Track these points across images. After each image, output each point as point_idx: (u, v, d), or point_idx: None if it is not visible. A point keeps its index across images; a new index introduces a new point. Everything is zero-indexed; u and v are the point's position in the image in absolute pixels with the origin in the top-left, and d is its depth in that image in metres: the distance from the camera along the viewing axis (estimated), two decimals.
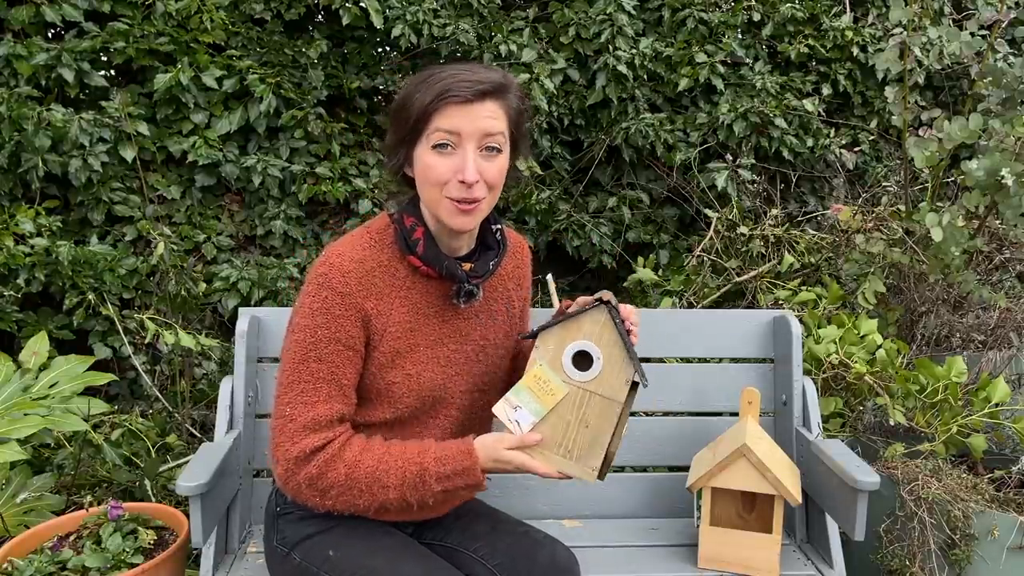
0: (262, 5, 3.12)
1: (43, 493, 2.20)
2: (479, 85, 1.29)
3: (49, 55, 2.82)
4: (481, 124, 1.30)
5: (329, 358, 1.33)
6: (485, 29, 3.30)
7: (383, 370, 1.38)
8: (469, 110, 1.29)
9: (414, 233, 1.38)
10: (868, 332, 2.36)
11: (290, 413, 1.33)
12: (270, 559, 1.53)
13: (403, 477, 1.31)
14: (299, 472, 1.32)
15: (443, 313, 1.44)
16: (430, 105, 1.28)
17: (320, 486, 1.32)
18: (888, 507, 2.04)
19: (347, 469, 1.31)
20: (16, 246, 2.72)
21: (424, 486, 1.31)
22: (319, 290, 1.34)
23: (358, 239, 1.40)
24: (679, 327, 2.03)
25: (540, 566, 1.43)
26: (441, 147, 1.30)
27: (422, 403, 1.42)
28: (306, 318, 1.34)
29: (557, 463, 1.33)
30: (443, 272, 1.39)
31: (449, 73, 1.30)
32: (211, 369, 2.82)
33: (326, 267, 1.34)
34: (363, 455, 1.33)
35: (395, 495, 1.32)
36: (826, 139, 3.39)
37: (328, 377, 1.34)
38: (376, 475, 1.31)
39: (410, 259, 1.39)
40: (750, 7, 3.47)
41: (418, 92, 1.31)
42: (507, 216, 3.35)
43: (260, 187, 3.07)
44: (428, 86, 1.30)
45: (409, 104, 1.32)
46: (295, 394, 1.34)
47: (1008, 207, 2.26)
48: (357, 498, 1.32)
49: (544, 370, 1.33)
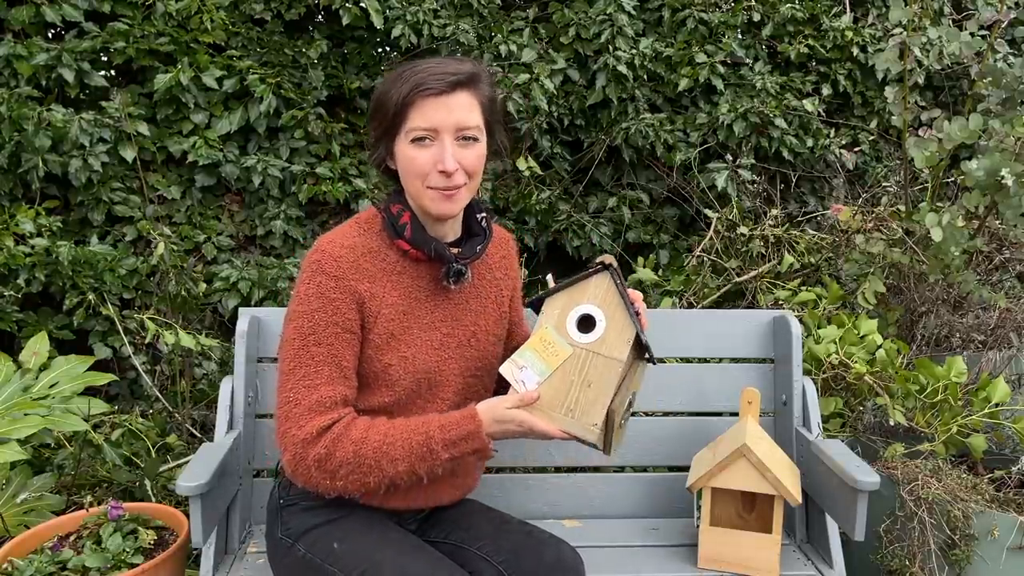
0: (262, 5, 3.12)
1: (43, 493, 2.20)
2: (450, 77, 1.34)
3: (49, 55, 2.82)
4: (456, 116, 1.35)
5: (328, 341, 1.36)
6: (485, 29, 3.30)
7: (379, 352, 1.41)
8: (443, 102, 1.34)
9: (401, 218, 1.43)
10: (868, 332, 2.36)
11: (294, 397, 1.35)
12: (274, 552, 1.52)
13: (410, 448, 1.33)
14: (308, 454, 1.32)
15: (434, 298, 1.48)
16: (405, 99, 1.34)
17: (329, 467, 1.32)
18: (888, 507, 2.04)
19: (354, 447, 1.32)
20: (16, 246, 2.72)
21: (432, 455, 1.33)
22: (313, 276, 1.38)
23: (348, 228, 1.45)
24: (679, 327, 2.03)
25: (546, 564, 1.43)
26: (419, 140, 1.36)
27: (418, 385, 1.45)
28: (303, 304, 1.37)
29: (559, 421, 1.35)
30: (431, 253, 1.42)
31: (422, 67, 1.35)
32: (211, 369, 2.82)
33: (318, 254, 1.39)
34: (369, 432, 1.34)
35: (404, 467, 1.33)
36: (826, 139, 3.39)
37: (329, 360, 1.36)
38: (384, 449, 1.32)
39: (399, 243, 1.43)
40: (750, 7, 3.47)
41: (393, 88, 1.36)
42: (507, 216, 3.35)
43: (260, 187, 3.07)
44: (402, 81, 1.35)
45: (386, 100, 1.37)
46: (297, 379, 1.36)
47: (1008, 207, 2.26)
48: (367, 475, 1.33)
49: (550, 332, 1.37)
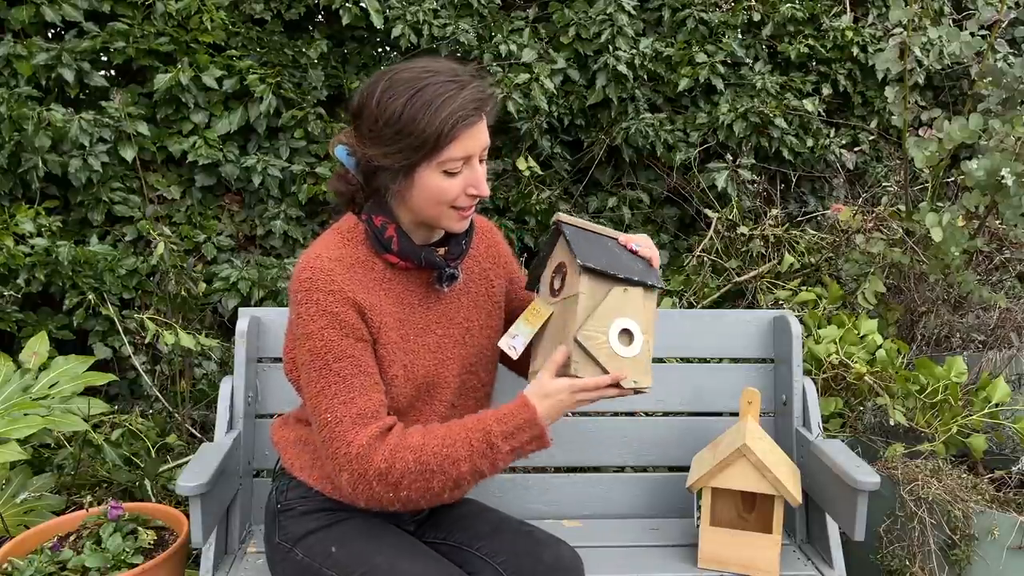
0: (262, 5, 3.12)
1: (43, 493, 2.20)
2: (478, 102, 1.30)
3: (49, 55, 2.82)
4: (483, 139, 1.34)
5: (348, 353, 1.33)
6: (485, 29, 3.30)
7: (384, 364, 1.39)
8: (477, 129, 1.32)
9: (386, 232, 1.39)
10: (868, 332, 2.36)
11: (333, 417, 1.31)
12: (272, 556, 1.52)
13: (471, 447, 1.31)
14: (368, 470, 1.29)
15: (426, 300, 1.46)
16: (449, 132, 1.27)
17: (391, 479, 1.29)
18: (888, 507, 2.04)
19: (414, 454, 1.29)
20: (16, 246, 2.72)
21: (493, 449, 1.31)
22: (309, 295, 1.34)
23: (330, 240, 1.41)
24: (679, 327, 2.03)
25: (545, 564, 1.42)
26: (452, 172, 1.32)
27: (418, 391, 1.44)
28: (308, 325, 1.33)
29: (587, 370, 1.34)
30: (422, 263, 1.41)
31: (446, 91, 1.28)
32: (211, 369, 2.82)
33: (308, 272, 1.35)
34: (427, 438, 1.32)
35: (467, 467, 1.31)
36: (826, 139, 3.39)
37: (355, 371, 1.33)
38: (444, 452, 1.30)
39: (386, 257, 1.41)
40: (750, 7, 3.47)
41: (422, 115, 1.26)
42: (507, 216, 3.35)
43: (260, 187, 3.07)
44: (432, 110, 1.26)
45: (411, 127, 1.27)
46: (330, 397, 1.32)
47: (1008, 207, 2.26)
48: (431, 480, 1.30)
49: (537, 301, 1.46)
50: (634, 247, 1.45)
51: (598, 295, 1.36)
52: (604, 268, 1.36)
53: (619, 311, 1.37)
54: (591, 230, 1.44)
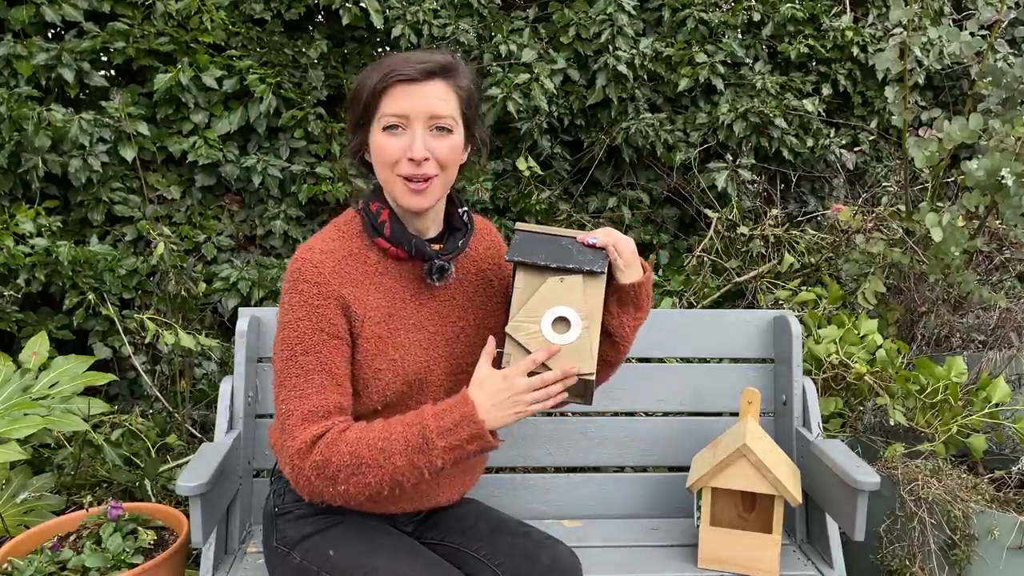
0: (262, 5, 3.12)
1: (43, 493, 2.20)
2: (424, 65, 1.34)
3: (49, 55, 2.82)
4: (428, 105, 1.34)
5: (316, 349, 1.34)
6: (485, 29, 3.30)
7: (369, 358, 1.39)
8: (416, 90, 1.33)
9: (380, 216, 1.42)
10: (868, 332, 2.36)
11: (287, 409, 1.33)
12: (270, 559, 1.53)
13: (407, 441, 1.29)
14: (304, 464, 1.30)
15: (419, 296, 1.46)
16: (378, 86, 1.34)
17: (328, 473, 1.29)
18: (888, 507, 2.04)
19: (350, 448, 1.29)
20: (16, 246, 2.72)
21: (429, 445, 1.28)
22: (295, 285, 1.36)
23: (326, 233, 1.44)
24: (679, 327, 2.03)
25: (543, 566, 1.42)
26: (391, 128, 1.35)
27: (408, 387, 1.43)
28: (288, 314, 1.36)
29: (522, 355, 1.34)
30: (411, 251, 1.41)
31: (398, 57, 1.36)
32: (211, 369, 2.82)
33: (299, 263, 1.38)
34: (364, 432, 1.31)
35: (403, 461, 1.28)
36: (826, 139, 3.39)
37: (318, 368, 1.34)
38: (380, 445, 1.29)
39: (378, 241, 1.42)
40: (750, 7, 3.47)
41: (368, 77, 1.36)
42: (507, 216, 3.35)
43: (260, 187, 3.07)
44: (377, 70, 1.35)
45: (361, 89, 1.37)
46: (288, 389, 1.34)
47: (1008, 207, 2.26)
48: (367, 474, 1.29)
49: None
50: (591, 241, 1.41)
51: (533, 288, 1.37)
52: (535, 261, 1.37)
53: (554, 300, 1.36)
54: (546, 233, 1.44)
